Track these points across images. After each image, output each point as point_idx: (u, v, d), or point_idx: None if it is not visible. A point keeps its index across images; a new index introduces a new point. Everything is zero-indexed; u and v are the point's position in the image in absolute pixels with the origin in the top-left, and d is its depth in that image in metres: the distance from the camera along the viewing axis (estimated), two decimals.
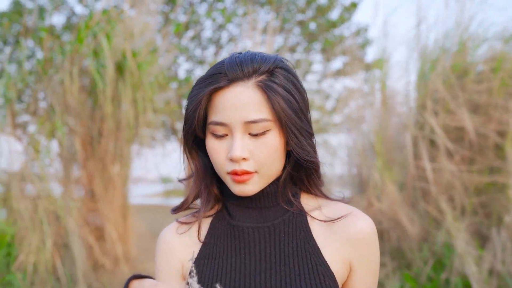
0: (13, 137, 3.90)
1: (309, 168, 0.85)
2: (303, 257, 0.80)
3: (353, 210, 0.85)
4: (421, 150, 4.32)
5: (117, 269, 4.47)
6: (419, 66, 4.91)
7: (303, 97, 0.83)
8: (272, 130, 0.79)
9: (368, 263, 0.83)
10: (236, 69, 0.79)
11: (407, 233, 4.26)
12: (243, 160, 0.78)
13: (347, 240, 0.82)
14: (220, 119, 0.79)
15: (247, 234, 0.83)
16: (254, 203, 0.84)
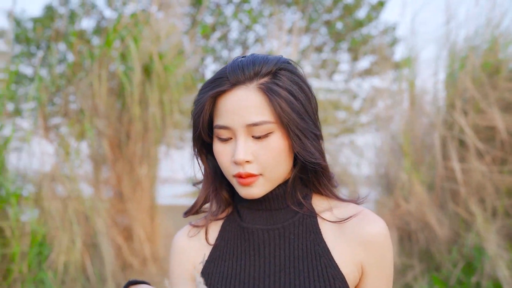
0: (45, 139, 4.00)
1: (316, 170, 0.84)
2: (313, 259, 0.79)
3: (364, 211, 0.83)
4: (450, 150, 4.24)
5: (145, 269, 4.54)
6: (448, 64, 4.81)
7: (308, 98, 0.81)
8: (275, 132, 0.79)
9: (381, 266, 0.81)
10: (238, 73, 0.79)
11: (436, 235, 4.18)
12: (247, 162, 0.79)
13: (358, 242, 0.80)
14: (223, 123, 0.80)
15: (257, 236, 0.84)
16: (263, 206, 0.85)
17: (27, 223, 3.23)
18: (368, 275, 0.81)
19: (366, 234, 0.80)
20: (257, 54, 0.83)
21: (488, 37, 4.62)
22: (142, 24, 4.26)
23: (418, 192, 4.28)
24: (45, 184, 3.60)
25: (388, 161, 4.92)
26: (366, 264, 0.80)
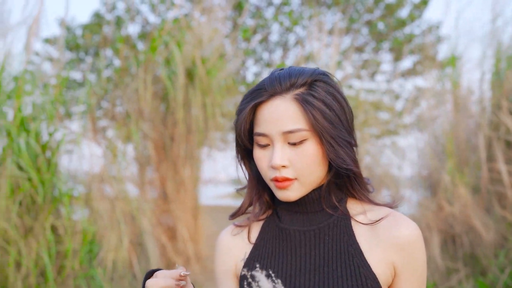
0: (94, 141, 4.18)
1: (349, 176, 0.88)
2: (346, 259, 0.84)
3: (396, 214, 0.87)
4: (496, 151, 4.14)
5: (189, 268, 4.65)
6: (494, 63, 4.70)
7: (342, 108, 0.85)
8: (309, 139, 0.84)
9: (413, 267, 0.84)
10: (275, 84, 0.85)
11: (482, 239, 4.09)
12: (283, 167, 0.84)
13: (390, 244, 0.84)
14: (261, 130, 0.86)
15: (293, 237, 0.89)
16: (300, 208, 0.90)
17: (78, 222, 3.39)
18: (400, 276, 0.84)
19: (398, 236, 0.83)
20: (294, 67, 0.89)
21: None
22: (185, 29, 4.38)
23: (462, 195, 4.20)
24: (94, 185, 3.77)
25: (431, 162, 4.85)
26: (399, 265, 0.84)
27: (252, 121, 0.89)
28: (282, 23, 10.49)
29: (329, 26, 10.45)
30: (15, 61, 3.75)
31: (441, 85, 5.32)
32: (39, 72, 3.87)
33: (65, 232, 3.29)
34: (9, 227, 3.02)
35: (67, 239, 3.29)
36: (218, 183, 11.86)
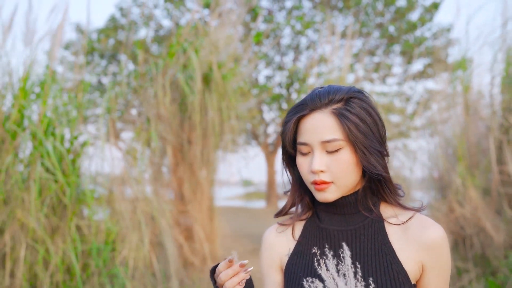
0: (114, 145, 4.32)
1: (380, 181, 1.01)
2: (380, 256, 0.96)
3: (425, 218, 0.99)
4: (506, 154, 4.22)
5: (205, 267, 4.78)
6: (504, 67, 4.77)
7: (375, 122, 0.98)
8: (344, 148, 0.96)
9: (439, 266, 0.96)
10: (316, 100, 0.98)
11: (492, 240, 4.17)
12: (321, 172, 0.96)
13: (420, 245, 0.96)
14: (303, 140, 0.99)
15: (332, 236, 1.02)
16: (338, 210, 1.03)
17: (101, 222, 3.54)
18: (428, 273, 0.96)
19: (427, 238, 0.96)
20: (333, 85, 1.03)
21: None
22: (202, 35, 4.52)
23: (473, 197, 4.29)
24: (116, 186, 3.91)
25: (442, 165, 4.93)
26: (427, 264, 0.96)
27: (295, 132, 1.02)
28: (294, 27, 10.59)
29: (340, 29, 10.54)
30: (40, 66, 3.92)
31: (452, 88, 5.39)
32: (62, 77, 4.02)
33: (90, 232, 3.43)
34: (38, 227, 3.17)
35: (91, 238, 3.44)
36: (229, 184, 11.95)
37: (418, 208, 1.04)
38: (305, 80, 10.15)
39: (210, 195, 5.02)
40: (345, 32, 10.40)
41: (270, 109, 12.79)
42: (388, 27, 10.83)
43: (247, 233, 8.26)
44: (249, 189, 25.12)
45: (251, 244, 7.13)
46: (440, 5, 10.49)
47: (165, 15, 9.68)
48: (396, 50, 11.40)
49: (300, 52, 11.92)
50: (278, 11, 11.50)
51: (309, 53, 11.95)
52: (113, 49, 9.72)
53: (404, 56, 11.36)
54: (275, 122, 13.30)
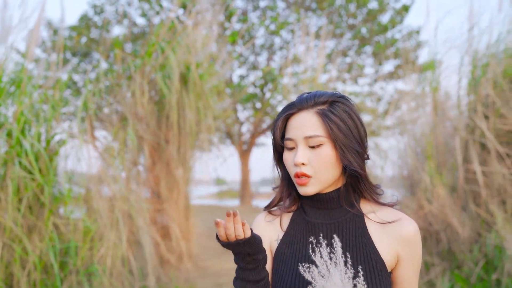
0: (91, 144, 4.33)
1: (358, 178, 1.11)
2: (360, 247, 1.07)
3: (402, 216, 1.11)
4: (472, 153, 4.41)
5: (182, 265, 4.83)
6: (471, 70, 4.97)
7: (355, 125, 1.09)
8: (325, 144, 1.06)
9: (413, 257, 1.08)
10: (303, 102, 1.10)
11: (458, 235, 4.36)
12: (303, 165, 1.06)
13: (397, 239, 1.07)
14: (289, 136, 1.10)
15: (317, 228, 1.12)
16: (323, 205, 1.13)
17: (79, 220, 3.56)
18: (402, 263, 1.08)
19: (403, 232, 1.07)
20: (319, 90, 1.13)
21: (510, 44, 4.77)
22: (180, 35, 4.56)
23: (441, 194, 4.47)
24: (93, 185, 3.93)
25: (412, 163, 5.10)
26: (402, 255, 1.07)
27: (284, 129, 1.13)
28: (268, 28, 10.69)
29: (314, 30, 10.69)
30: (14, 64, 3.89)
31: (420, 89, 5.58)
32: (38, 75, 4.01)
33: (68, 231, 3.45)
34: (15, 226, 3.17)
35: (69, 237, 3.46)
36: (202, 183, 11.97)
37: (392, 204, 1.14)
38: (277, 80, 10.27)
39: (186, 193, 5.07)
40: (318, 33, 10.56)
41: (244, 108, 12.88)
42: (360, 28, 11.05)
43: None
44: (222, 187, 25.13)
45: None
46: (410, 8, 10.77)
47: (139, 13, 9.65)
48: (368, 51, 11.65)
49: (274, 52, 12.04)
50: (252, 11, 11.58)
51: (282, 53, 12.08)
52: (85, 46, 9.62)
53: (376, 57, 11.62)
54: (249, 121, 13.40)
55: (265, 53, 12.23)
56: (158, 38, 4.50)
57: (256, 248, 1.00)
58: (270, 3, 11.28)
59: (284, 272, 1.09)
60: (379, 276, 1.03)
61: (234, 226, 0.96)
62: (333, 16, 11.18)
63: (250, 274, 1.02)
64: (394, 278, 1.09)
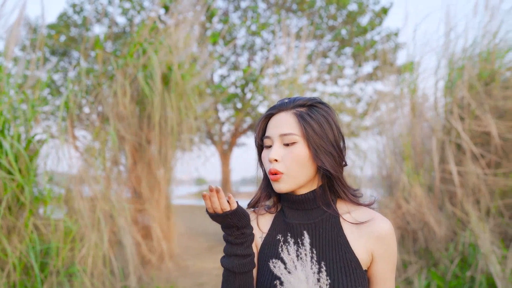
0: (72, 144, 4.31)
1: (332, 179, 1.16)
2: (335, 246, 1.11)
3: (376, 215, 1.15)
4: (448, 154, 4.53)
5: (163, 265, 4.84)
6: (447, 73, 5.09)
7: (331, 128, 1.14)
8: (299, 143, 1.11)
9: (387, 255, 1.12)
10: (283, 104, 1.16)
11: (434, 234, 4.47)
12: (276, 161, 1.11)
13: (370, 237, 1.11)
14: (267, 134, 1.15)
15: (295, 229, 1.17)
16: (300, 206, 1.18)
17: (60, 221, 3.54)
18: (377, 261, 1.12)
19: (376, 231, 1.12)
20: (298, 96, 1.19)
21: (484, 48, 4.90)
22: (162, 35, 4.57)
23: (418, 194, 4.57)
24: (74, 185, 3.91)
25: (390, 163, 5.21)
26: (376, 253, 1.12)
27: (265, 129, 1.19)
28: (249, 28, 10.72)
29: (294, 31, 10.77)
30: None
31: (399, 90, 5.68)
32: (17, 74, 3.97)
33: (48, 231, 3.43)
34: None
35: (49, 237, 3.44)
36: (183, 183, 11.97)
37: (369, 204, 1.19)
38: (258, 80, 10.32)
39: (167, 193, 5.08)
40: (299, 34, 10.65)
41: (225, 108, 12.90)
42: (340, 30, 11.16)
43: (202, 231, 8.33)
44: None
45: (207, 242, 7.22)
46: (389, 10, 10.94)
47: (119, 12, 9.58)
48: (348, 53, 11.78)
49: (254, 52, 12.08)
50: (234, 12, 11.60)
51: (263, 54, 12.13)
52: (64, 45, 9.52)
53: (355, 59, 11.76)
54: (230, 121, 13.42)
55: (246, 54, 12.27)
56: (140, 38, 4.50)
57: (243, 221, 1.07)
58: (251, 3, 11.32)
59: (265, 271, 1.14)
60: (354, 274, 1.08)
61: (219, 200, 1.03)
62: (314, 17, 11.27)
63: (238, 249, 1.09)
64: (370, 276, 1.13)
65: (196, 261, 5.55)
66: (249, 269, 1.10)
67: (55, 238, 3.45)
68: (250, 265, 1.10)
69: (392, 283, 1.13)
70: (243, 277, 1.10)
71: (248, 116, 12.45)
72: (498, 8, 4.89)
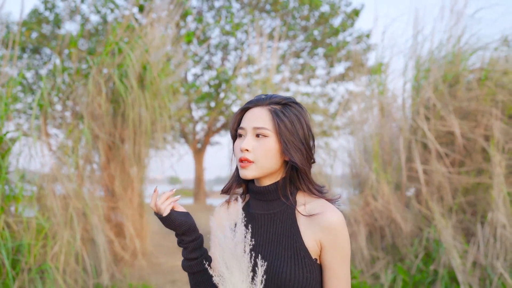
0: (45, 142, 4.30)
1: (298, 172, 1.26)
2: (288, 236, 1.20)
3: (327, 207, 1.24)
4: (414, 153, 4.69)
5: (136, 262, 4.87)
6: (414, 74, 5.27)
7: (302, 127, 1.24)
8: (270, 137, 1.20)
9: (335, 245, 1.19)
10: (260, 99, 1.26)
11: (401, 230, 4.63)
12: (247, 151, 1.21)
13: (319, 228, 1.19)
14: (242, 125, 1.25)
15: (257, 219, 1.27)
16: (263, 197, 1.27)
17: (32, 219, 3.54)
18: (325, 250, 1.21)
19: (324, 221, 1.20)
20: (274, 94, 1.29)
21: (450, 51, 5.09)
22: (138, 35, 4.60)
23: (385, 191, 4.73)
24: (46, 183, 3.91)
25: (359, 162, 5.35)
26: (324, 242, 1.20)
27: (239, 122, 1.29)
28: (223, 28, 10.77)
29: (268, 31, 10.88)
30: None
31: (369, 91, 5.84)
32: None
33: (20, 229, 3.43)
34: None
35: (21, 235, 3.44)
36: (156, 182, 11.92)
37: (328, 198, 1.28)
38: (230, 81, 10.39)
39: (140, 192, 5.11)
40: (272, 34, 10.76)
41: (198, 107, 12.91)
42: (313, 31, 11.32)
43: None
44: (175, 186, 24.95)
45: None
46: (360, 12, 11.15)
47: (92, 10, 9.50)
48: (320, 53, 11.95)
49: (228, 52, 12.13)
50: (207, 11, 11.62)
51: (237, 54, 12.19)
52: (36, 42, 9.39)
53: (327, 59, 11.94)
54: (204, 120, 13.44)
55: (220, 53, 12.31)
56: (115, 37, 4.52)
57: (179, 229, 1.22)
58: (225, 3, 11.38)
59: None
60: (302, 262, 1.17)
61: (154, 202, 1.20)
62: (287, 18, 11.40)
63: (183, 252, 1.24)
64: (322, 264, 1.22)
65: (169, 259, 5.59)
66: (197, 270, 1.24)
67: (27, 236, 3.45)
68: (196, 267, 1.24)
69: (344, 272, 1.21)
70: (195, 277, 1.25)
71: (222, 115, 12.50)
72: (463, 13, 5.09)
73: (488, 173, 4.46)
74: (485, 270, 3.90)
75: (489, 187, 4.35)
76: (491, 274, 3.83)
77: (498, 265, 3.77)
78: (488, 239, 4.02)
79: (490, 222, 4.07)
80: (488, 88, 4.59)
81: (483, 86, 4.65)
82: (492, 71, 4.63)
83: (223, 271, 1.09)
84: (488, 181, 4.36)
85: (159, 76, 4.67)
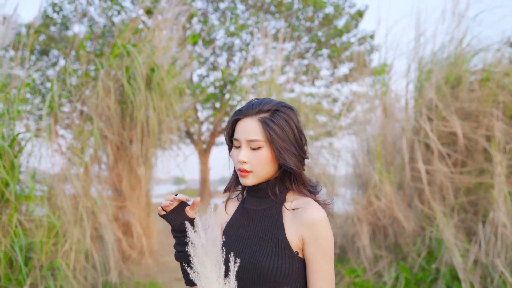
0: (55, 142, 4.40)
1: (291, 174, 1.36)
2: (273, 230, 1.30)
3: (311, 205, 1.31)
4: (417, 153, 4.77)
5: (142, 260, 4.97)
6: (417, 76, 5.34)
7: (293, 131, 1.32)
8: (264, 147, 1.29)
9: (316, 240, 1.26)
10: (249, 109, 1.33)
11: (404, 229, 4.71)
12: (244, 162, 1.30)
13: (301, 223, 1.28)
14: (236, 137, 1.32)
15: (250, 214, 1.37)
16: (257, 194, 1.38)
17: (43, 217, 3.65)
18: (307, 245, 1.29)
19: (306, 217, 1.28)
20: (267, 98, 1.37)
21: (452, 52, 5.16)
22: (145, 38, 4.69)
23: (388, 191, 4.80)
24: (56, 183, 4.02)
25: (363, 162, 5.43)
26: (305, 238, 1.29)
27: (233, 130, 1.37)
28: (228, 30, 10.85)
29: (272, 33, 10.96)
30: None
31: (373, 91, 5.91)
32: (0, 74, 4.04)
33: (32, 227, 3.54)
34: None
35: (33, 233, 3.55)
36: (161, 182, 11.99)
37: (316, 198, 1.38)
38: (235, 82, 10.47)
39: (147, 191, 5.20)
40: (277, 35, 10.83)
41: (204, 108, 13.01)
42: (317, 32, 11.39)
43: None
44: (180, 186, 25.05)
45: None
46: (364, 13, 11.21)
47: (98, 12, 9.62)
48: (324, 54, 12.01)
49: (233, 53, 12.22)
50: (213, 13, 11.72)
51: (242, 55, 12.28)
52: (44, 44, 9.51)
53: (331, 60, 12.01)
54: (209, 121, 13.54)
55: (225, 54, 12.40)
56: (123, 40, 4.62)
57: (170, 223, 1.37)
58: (230, 5, 11.47)
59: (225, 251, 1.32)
60: (282, 253, 1.27)
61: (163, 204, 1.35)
62: (291, 19, 11.47)
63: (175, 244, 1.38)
64: (305, 259, 1.30)
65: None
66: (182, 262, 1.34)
67: (38, 234, 3.56)
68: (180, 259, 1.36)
69: (325, 268, 1.28)
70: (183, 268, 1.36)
71: (227, 116, 12.59)
72: (464, 15, 5.16)
73: (489, 173, 4.52)
74: (486, 268, 3.97)
75: (490, 187, 4.42)
76: (492, 272, 3.90)
77: (499, 264, 3.84)
78: (489, 238, 4.09)
79: (491, 221, 4.14)
80: (489, 89, 4.66)
81: (485, 87, 4.72)
82: (494, 72, 4.70)
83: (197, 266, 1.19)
84: (489, 181, 4.43)
85: (166, 78, 4.76)
